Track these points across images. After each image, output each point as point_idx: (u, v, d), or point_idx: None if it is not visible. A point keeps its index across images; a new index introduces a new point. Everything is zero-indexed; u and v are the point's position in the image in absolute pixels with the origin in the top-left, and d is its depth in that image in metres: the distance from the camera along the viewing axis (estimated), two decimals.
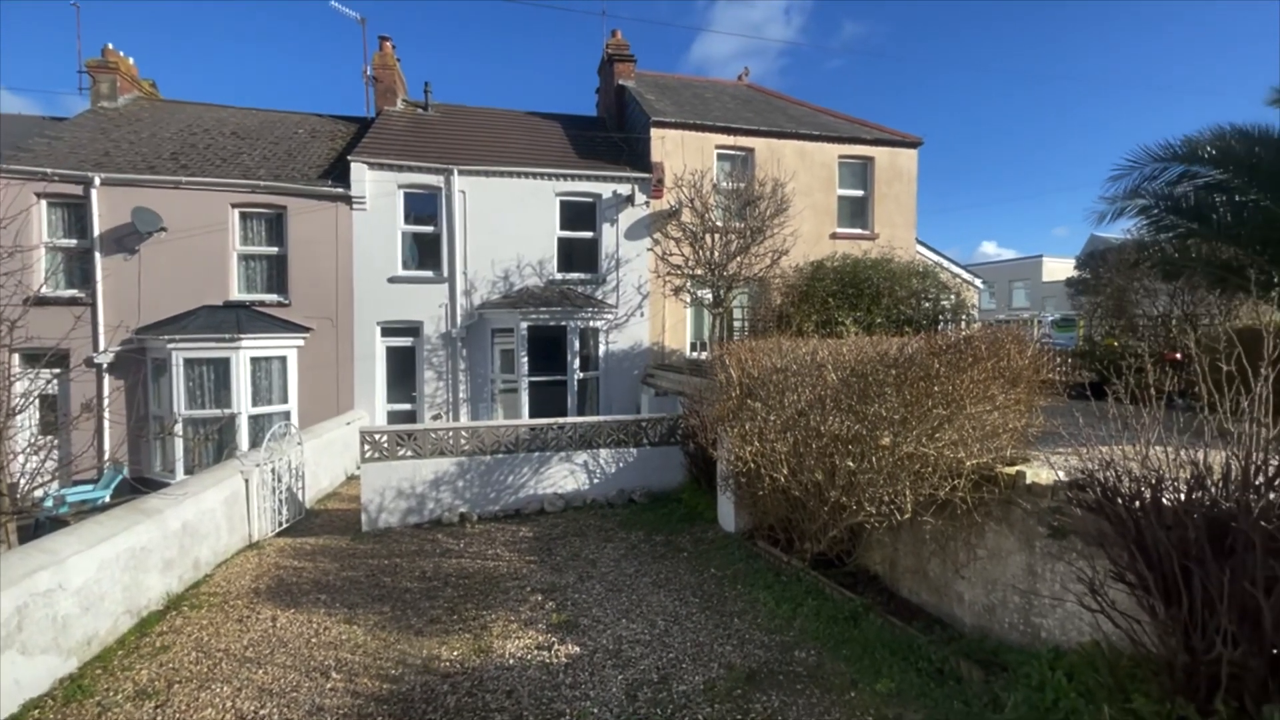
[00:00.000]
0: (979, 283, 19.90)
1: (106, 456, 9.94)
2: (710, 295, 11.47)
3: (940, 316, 10.86)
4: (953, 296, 11.50)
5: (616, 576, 6.27)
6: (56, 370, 9.34)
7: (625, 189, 12.92)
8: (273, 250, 11.71)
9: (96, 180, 10.74)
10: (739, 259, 11.15)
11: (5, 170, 10.37)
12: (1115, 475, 3.38)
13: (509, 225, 12.42)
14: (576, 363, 12.02)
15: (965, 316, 11.40)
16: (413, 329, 12.36)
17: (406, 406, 12.48)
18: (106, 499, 9.08)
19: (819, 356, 6.03)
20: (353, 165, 11.72)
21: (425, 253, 12.48)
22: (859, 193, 14.41)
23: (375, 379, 12.08)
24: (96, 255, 10.77)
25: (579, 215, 13.00)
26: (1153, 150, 6.84)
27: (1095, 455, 3.50)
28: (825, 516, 5.47)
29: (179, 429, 10.11)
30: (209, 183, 11.23)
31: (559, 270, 12.79)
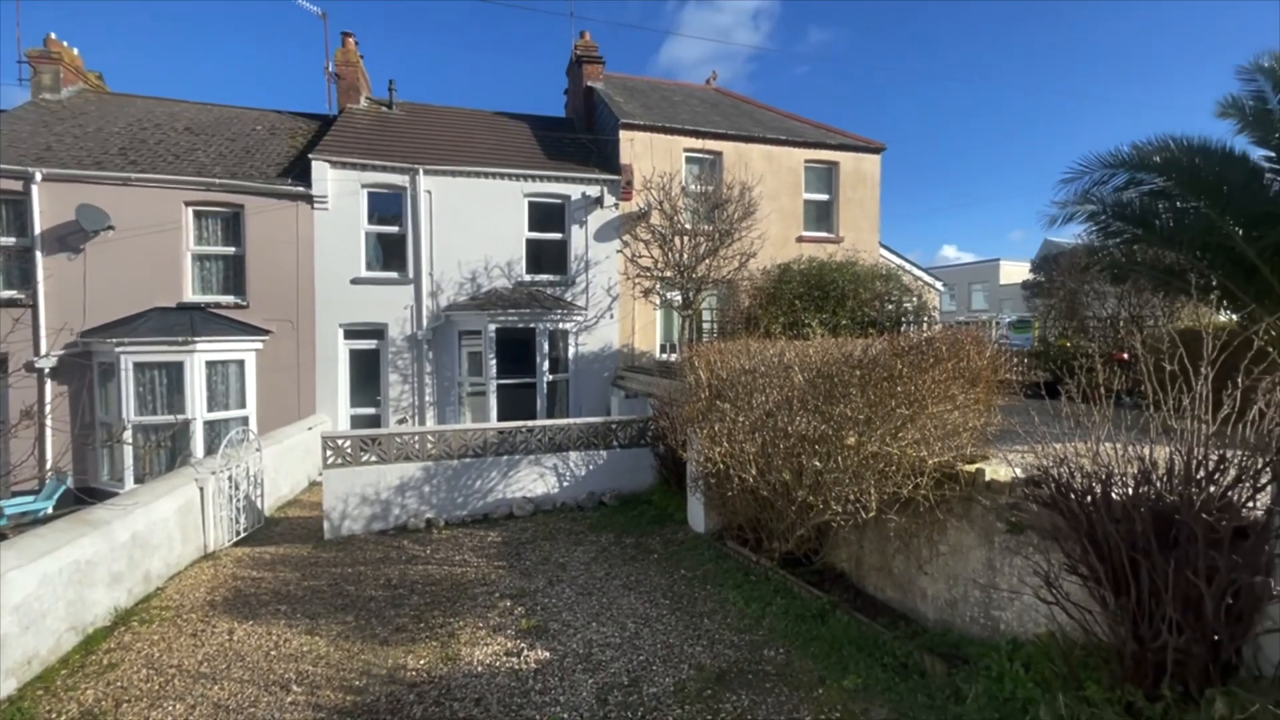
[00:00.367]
0: (940, 285, 20.48)
1: (49, 466, 9.46)
2: (680, 297, 11.53)
3: (903, 318, 11.12)
4: (915, 298, 11.80)
5: (587, 580, 6.24)
6: None
7: (594, 191, 12.90)
8: (229, 250, 11.32)
9: (38, 175, 10.23)
10: (708, 261, 11.23)
11: None
12: (1068, 472, 3.50)
13: (476, 226, 12.27)
14: (546, 365, 11.94)
15: (927, 318, 11.69)
16: (377, 331, 12.10)
17: (371, 411, 12.20)
18: (49, 510, 8.65)
19: (786, 358, 6.11)
20: (314, 164, 11.42)
21: (390, 253, 12.23)
22: (824, 197, 14.66)
23: (338, 383, 11.79)
24: (38, 254, 10.25)
25: (548, 216, 12.92)
26: (1103, 156, 7.11)
27: (1050, 453, 3.62)
28: (793, 516, 5.54)
29: (128, 436, 9.69)
30: (160, 180, 10.80)
31: (528, 272, 12.68)
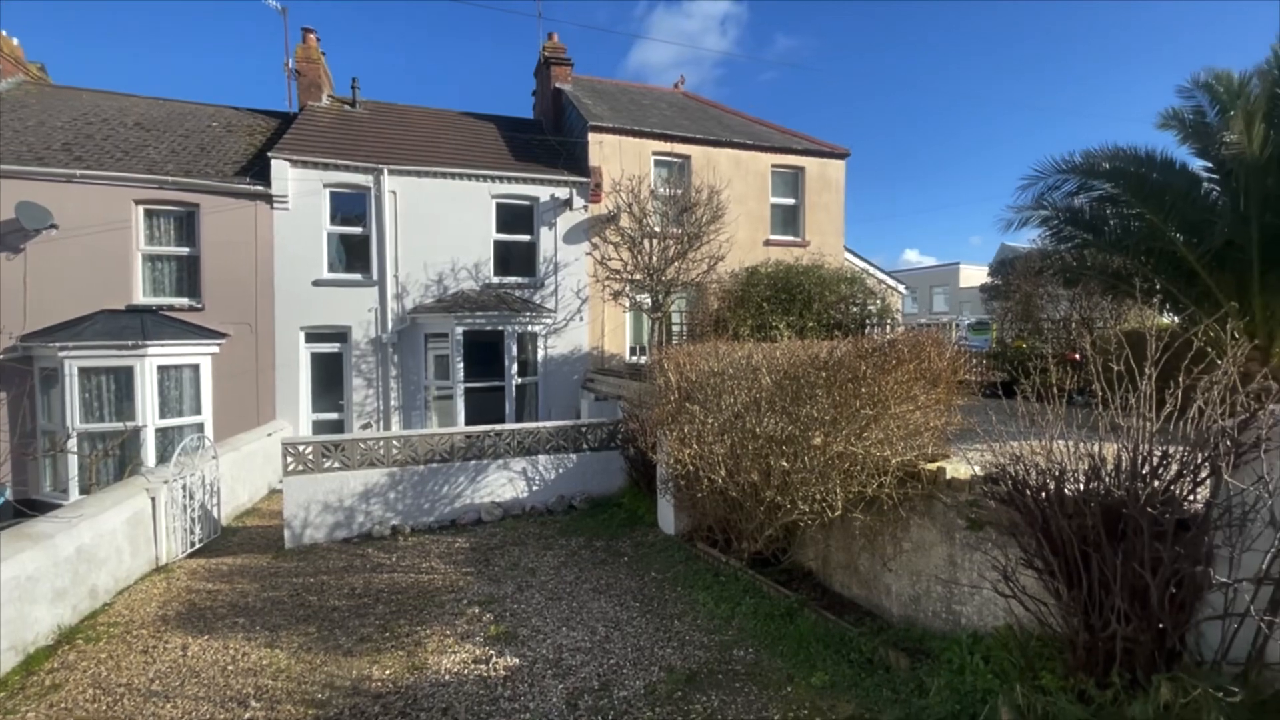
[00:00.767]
0: (903, 288, 20.99)
1: None
2: (649, 300, 11.55)
3: (867, 320, 11.36)
4: (879, 301, 12.05)
5: (556, 584, 6.20)
6: None
7: (563, 193, 12.84)
8: (183, 251, 10.92)
9: None
10: (677, 264, 11.28)
11: None
12: (1024, 469, 3.62)
13: (443, 227, 12.09)
14: (514, 368, 11.82)
15: (890, 320, 11.95)
16: (340, 334, 11.81)
17: (334, 416, 11.90)
18: None
19: (754, 360, 6.18)
20: (274, 162, 11.10)
21: (354, 255, 11.96)
22: (790, 201, 14.89)
23: (299, 387, 11.46)
24: None
25: (516, 218, 12.81)
26: (1056, 162, 7.40)
27: (1006, 451, 3.74)
28: (761, 516, 5.60)
29: (73, 445, 9.24)
30: (108, 177, 10.35)
31: (496, 274, 12.55)
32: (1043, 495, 3.51)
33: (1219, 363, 3.22)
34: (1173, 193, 6.52)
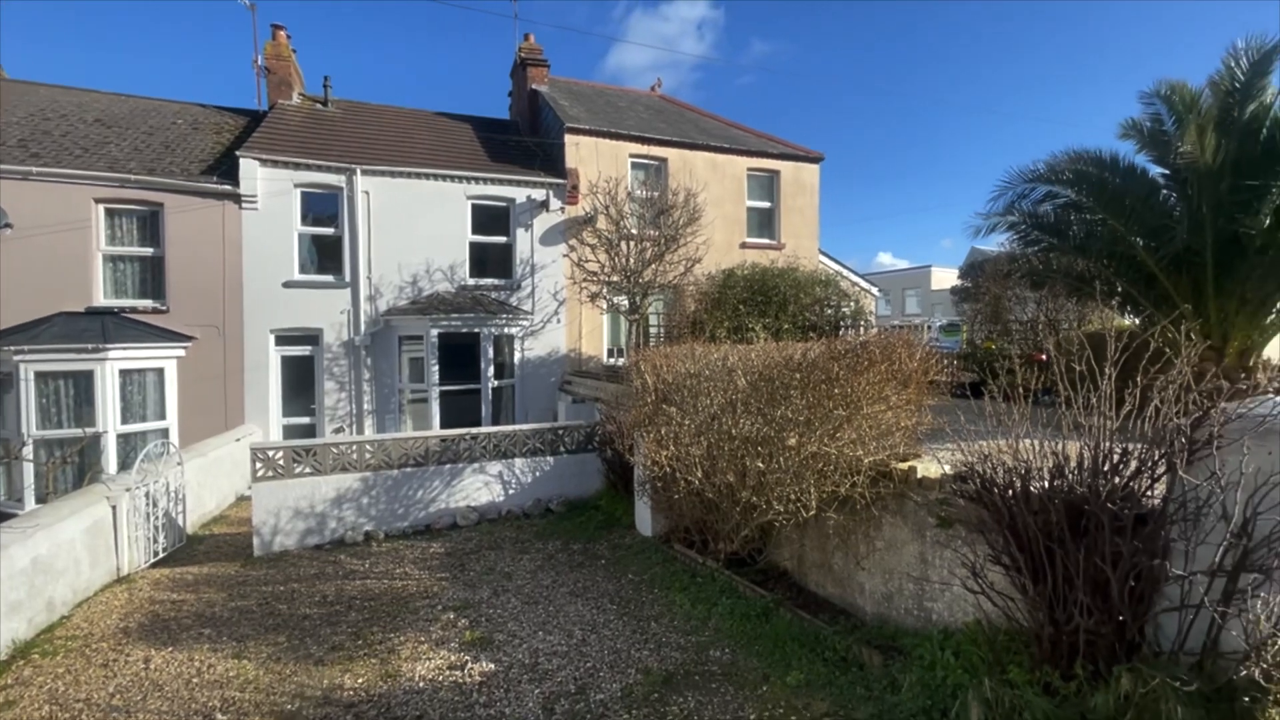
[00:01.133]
0: (876, 290, 21.32)
1: None
2: (626, 302, 11.56)
3: (841, 322, 11.51)
4: (852, 303, 12.23)
5: (533, 588, 6.16)
6: None
7: (540, 194, 12.78)
8: (147, 251, 10.60)
9: None
10: (654, 266, 11.31)
11: None
12: (991, 468, 3.71)
13: (418, 228, 11.94)
14: (491, 370, 11.72)
15: (864, 322, 12.13)
16: (311, 337, 11.59)
17: (305, 420, 11.66)
18: None
19: (730, 362, 6.22)
20: (242, 161, 10.84)
21: (326, 256, 11.74)
22: (766, 204, 15.03)
23: (269, 391, 11.21)
24: None
25: (492, 220, 12.71)
26: (1023, 171, 7.63)
27: (975, 450, 3.83)
28: (737, 516, 5.63)
29: (28, 452, 8.91)
30: (67, 174, 10.01)
31: (471, 275, 12.43)
32: (1009, 493, 3.59)
33: (1176, 362, 3.33)
34: (1133, 198, 6.74)
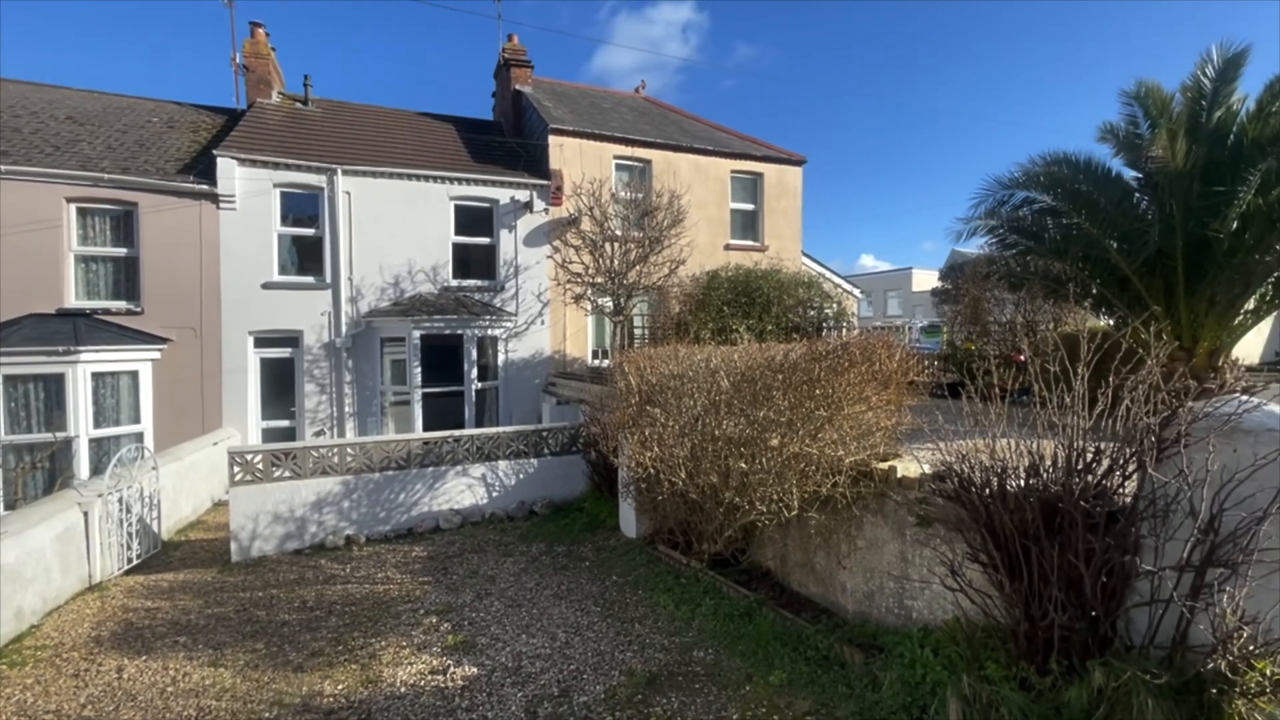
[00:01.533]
0: (858, 292, 21.51)
1: None
2: (611, 303, 11.55)
3: (824, 324, 11.61)
4: (835, 305, 12.33)
5: (516, 591, 6.12)
6: None
7: (524, 195, 12.74)
8: (120, 252, 10.39)
9: None
10: (638, 268, 11.32)
11: None
12: (969, 467, 3.76)
13: (400, 229, 11.84)
14: (474, 372, 11.65)
15: (846, 324, 12.25)
16: (291, 339, 11.43)
17: (285, 423, 11.49)
18: None
19: (713, 363, 6.24)
20: (219, 160, 10.67)
21: (306, 257, 11.59)
22: (750, 206, 15.11)
23: (247, 394, 11.03)
24: None
25: (475, 220, 12.64)
26: (1001, 178, 7.78)
27: (953, 449, 3.88)
28: (721, 517, 5.65)
29: None
30: (37, 173, 9.78)
31: (454, 277, 12.35)
32: (986, 492, 3.65)
33: (1148, 362, 3.41)
34: (1108, 202, 6.88)
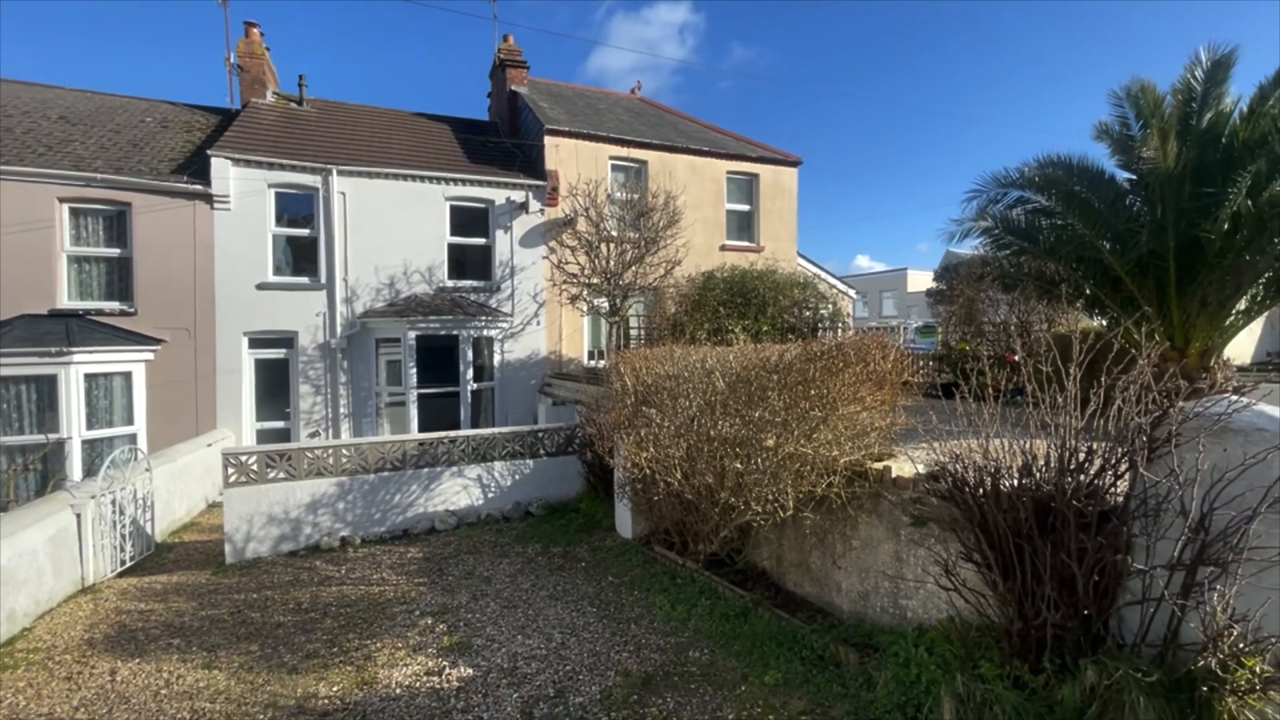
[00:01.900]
0: (853, 293, 21.55)
1: None
2: (607, 304, 11.56)
3: (819, 324, 11.64)
4: (830, 305, 12.36)
5: (512, 592, 6.12)
6: None
7: (519, 196, 12.73)
8: (114, 252, 10.34)
9: None
10: (634, 268, 11.33)
11: None
12: (963, 467, 3.78)
13: (395, 230, 11.82)
14: (470, 373, 11.63)
15: (841, 324, 12.28)
16: (286, 340, 11.39)
17: (280, 424, 11.45)
18: None
19: (708, 364, 6.25)
20: (214, 161, 10.63)
21: (301, 257, 11.56)
22: (745, 207, 15.14)
23: (242, 395, 10.99)
24: None
25: (471, 221, 12.63)
26: (997, 176, 7.79)
27: (947, 449, 3.90)
28: (716, 517, 5.66)
29: None
30: (28, 173, 9.73)
31: (450, 277, 12.33)
32: (980, 491, 3.66)
33: (1140, 362, 3.44)
34: (1101, 203, 6.91)
